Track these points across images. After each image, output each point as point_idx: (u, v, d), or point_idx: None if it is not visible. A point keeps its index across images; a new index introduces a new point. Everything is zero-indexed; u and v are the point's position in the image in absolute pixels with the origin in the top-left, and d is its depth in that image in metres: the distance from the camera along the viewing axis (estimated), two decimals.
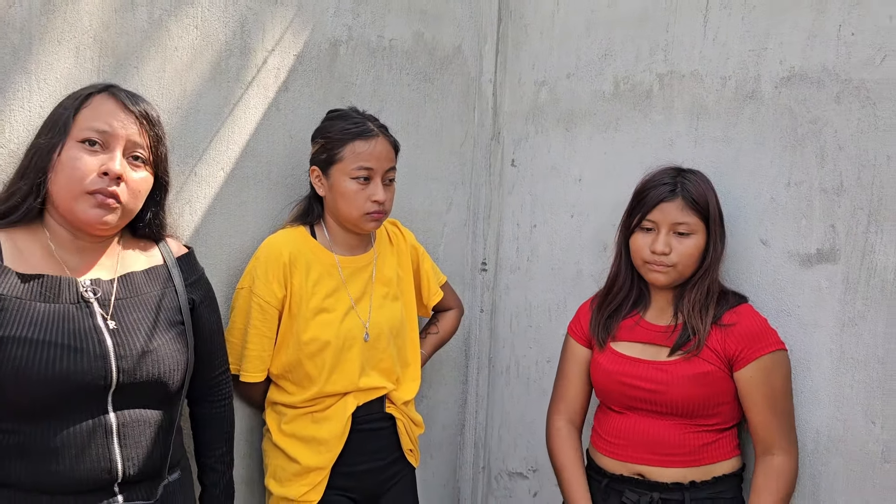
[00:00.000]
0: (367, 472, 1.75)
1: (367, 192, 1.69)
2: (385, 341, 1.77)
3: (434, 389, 2.26)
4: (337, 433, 1.70)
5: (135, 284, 1.35)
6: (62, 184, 1.24)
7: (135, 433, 1.28)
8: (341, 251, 1.77)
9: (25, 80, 1.42)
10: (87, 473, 1.22)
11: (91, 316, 1.27)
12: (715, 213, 1.62)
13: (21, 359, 1.18)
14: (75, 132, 1.26)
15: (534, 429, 2.23)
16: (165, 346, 1.33)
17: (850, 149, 1.60)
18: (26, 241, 1.27)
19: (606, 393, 1.69)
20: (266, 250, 1.70)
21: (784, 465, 1.57)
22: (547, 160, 2.19)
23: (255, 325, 1.67)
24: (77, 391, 1.21)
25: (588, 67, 2.08)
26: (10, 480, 1.20)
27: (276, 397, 1.74)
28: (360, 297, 1.76)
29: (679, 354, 1.60)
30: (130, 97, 1.32)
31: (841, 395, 1.62)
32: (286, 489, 1.69)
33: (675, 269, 1.61)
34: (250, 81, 1.76)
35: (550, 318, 2.19)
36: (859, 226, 1.59)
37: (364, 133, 1.69)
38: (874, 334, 1.57)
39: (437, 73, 2.17)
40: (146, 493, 1.31)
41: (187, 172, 1.67)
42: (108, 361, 1.25)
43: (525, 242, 2.25)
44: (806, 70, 1.66)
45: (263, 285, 1.67)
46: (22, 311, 1.20)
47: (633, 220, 1.66)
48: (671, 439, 1.60)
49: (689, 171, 1.65)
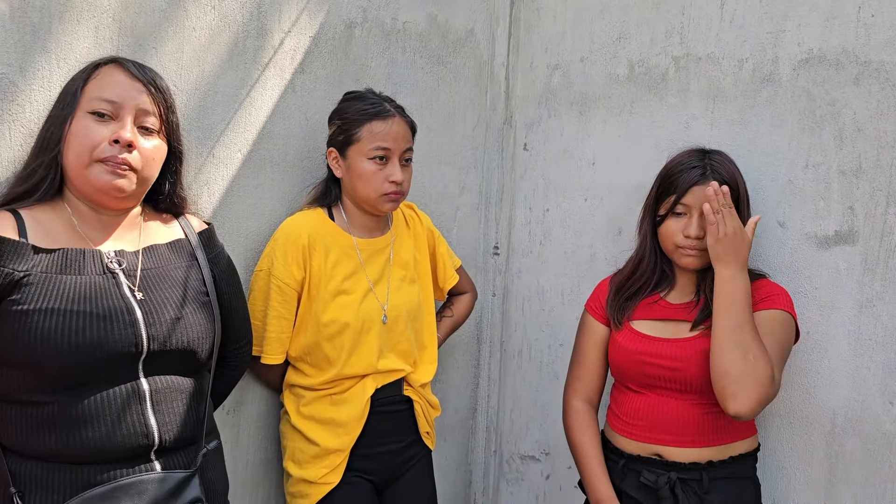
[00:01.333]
0: (385, 454, 1.75)
1: (385, 172, 1.69)
2: (403, 324, 1.77)
3: (446, 373, 2.26)
4: (356, 415, 1.70)
5: (159, 256, 1.36)
6: (73, 155, 1.25)
7: (168, 399, 1.28)
8: (359, 234, 1.77)
9: (45, 59, 1.41)
10: (124, 440, 1.22)
11: (118, 286, 1.27)
12: (744, 193, 1.62)
13: (51, 329, 1.18)
14: (84, 103, 1.26)
15: (546, 412, 2.24)
16: (193, 316, 1.33)
17: (869, 130, 1.60)
18: (49, 217, 1.27)
19: (624, 372, 1.69)
20: (284, 233, 1.70)
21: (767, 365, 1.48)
22: (560, 144, 2.18)
23: (275, 307, 1.67)
24: (108, 359, 1.21)
25: (602, 50, 2.08)
26: (43, 451, 1.20)
27: (295, 380, 1.74)
28: (378, 279, 1.76)
29: (700, 329, 1.60)
30: (138, 67, 1.32)
31: (858, 377, 1.63)
32: (305, 471, 1.69)
33: (707, 253, 1.59)
34: (267, 63, 1.75)
35: (563, 302, 2.19)
36: (878, 207, 1.59)
37: (381, 113, 1.69)
38: (892, 315, 1.58)
39: (450, 56, 2.16)
40: (185, 462, 1.31)
41: (205, 154, 1.67)
42: (138, 329, 1.25)
43: (538, 226, 2.25)
44: (825, 52, 1.66)
45: (283, 267, 1.67)
46: (48, 284, 1.21)
47: (662, 204, 1.64)
48: (690, 419, 1.60)
49: (714, 152, 1.65)
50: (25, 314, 1.18)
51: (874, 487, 1.61)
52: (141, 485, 1.23)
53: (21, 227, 1.23)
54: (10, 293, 1.19)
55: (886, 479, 1.60)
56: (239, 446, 1.80)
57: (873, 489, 1.61)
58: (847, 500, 1.65)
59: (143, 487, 1.23)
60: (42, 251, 1.22)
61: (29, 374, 1.20)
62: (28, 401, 1.20)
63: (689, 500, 1.58)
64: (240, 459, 1.80)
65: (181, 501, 1.26)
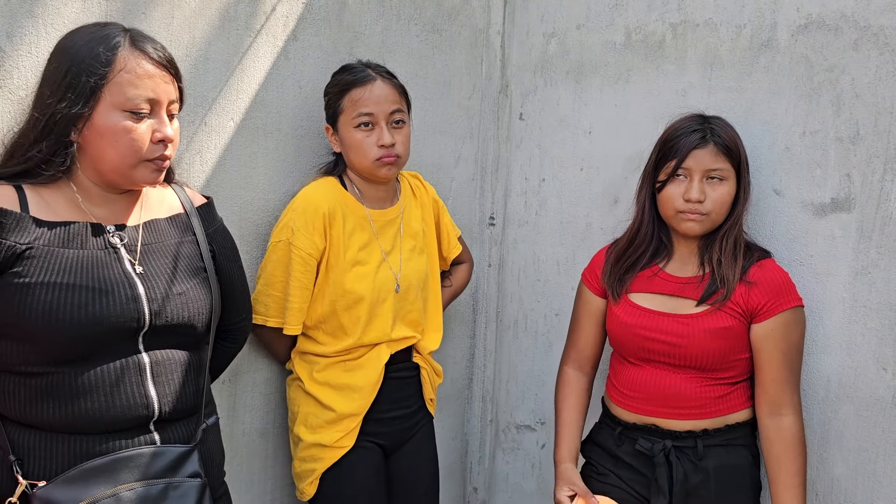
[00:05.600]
0: (395, 419, 1.77)
1: (373, 137, 1.67)
2: (414, 293, 1.79)
3: (443, 344, 2.25)
4: (372, 381, 1.71)
5: (159, 231, 1.35)
6: (115, 153, 1.23)
7: (167, 371, 1.28)
8: (371, 205, 1.76)
9: (32, 24, 1.39)
10: (123, 411, 1.23)
11: (119, 261, 1.27)
12: (744, 159, 1.62)
13: (51, 302, 1.17)
14: (115, 99, 1.21)
15: (542, 382, 2.25)
16: (192, 291, 1.33)
17: (867, 96, 1.59)
18: (51, 192, 1.26)
19: (623, 345, 1.69)
20: (303, 202, 1.68)
21: (796, 428, 1.57)
22: (556, 113, 2.17)
23: (297, 277, 1.66)
24: (109, 333, 1.21)
25: (599, 18, 2.05)
26: (41, 421, 1.20)
27: (307, 347, 1.74)
28: (391, 249, 1.77)
29: (705, 306, 1.60)
30: (153, 46, 1.28)
31: (853, 343, 1.63)
32: (319, 436, 1.70)
33: (708, 218, 1.59)
34: (259, 29, 1.73)
35: (559, 272, 2.19)
36: (875, 174, 1.59)
37: (360, 80, 1.68)
38: (887, 281, 1.58)
39: (445, 23, 2.14)
40: (184, 434, 1.31)
41: (198, 122, 1.65)
42: (139, 303, 1.25)
43: (533, 196, 2.24)
44: (823, 17, 1.64)
45: (305, 237, 1.65)
46: (50, 257, 1.20)
47: (662, 170, 1.63)
48: (687, 392, 1.61)
49: (714, 118, 1.64)
50: (27, 287, 1.17)
51: (867, 453, 1.62)
52: (140, 458, 1.23)
53: (23, 201, 1.22)
54: (12, 266, 1.18)
55: (879, 445, 1.61)
56: (236, 416, 1.80)
57: (866, 454, 1.62)
58: (839, 466, 1.66)
59: (143, 461, 1.23)
60: (44, 224, 1.22)
61: (29, 346, 1.19)
62: (28, 372, 1.20)
63: (684, 466, 1.59)
64: (237, 429, 1.80)
65: (180, 475, 1.26)
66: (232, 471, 1.76)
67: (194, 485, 1.25)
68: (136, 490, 1.20)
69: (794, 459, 1.56)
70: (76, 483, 1.17)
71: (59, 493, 1.16)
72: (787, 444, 1.56)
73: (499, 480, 2.38)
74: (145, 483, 1.21)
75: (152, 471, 1.23)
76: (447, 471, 2.34)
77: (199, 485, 1.26)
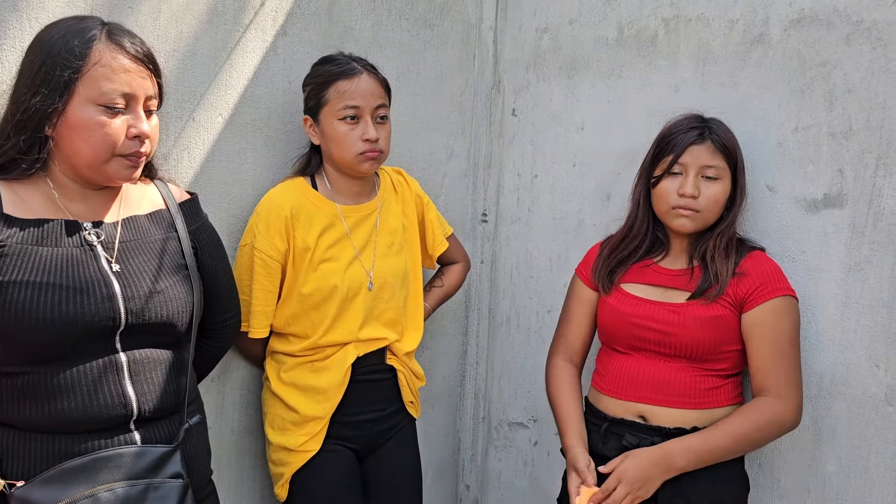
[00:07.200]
0: (366, 422, 1.74)
1: (357, 131, 1.65)
2: (389, 291, 1.75)
3: (434, 341, 2.25)
4: (336, 383, 1.69)
5: (138, 228, 1.33)
6: (87, 148, 1.21)
7: (146, 370, 1.27)
8: (344, 200, 1.74)
9: (16, 18, 1.37)
10: (101, 411, 1.21)
11: (95, 259, 1.25)
12: (741, 161, 1.62)
13: (25, 302, 1.16)
14: (89, 93, 1.19)
15: (534, 379, 2.24)
16: (172, 289, 1.31)
17: (860, 91, 1.58)
18: (26, 187, 1.24)
19: (614, 334, 1.69)
20: (266, 205, 1.67)
21: (775, 406, 1.53)
22: (548, 109, 2.15)
23: (259, 280, 1.65)
24: (84, 333, 1.20)
25: (591, 13, 2.04)
26: (18, 421, 1.19)
27: (277, 346, 1.73)
28: (364, 246, 1.74)
29: (699, 299, 1.59)
30: (131, 40, 1.26)
31: (845, 340, 1.62)
32: (285, 438, 1.69)
33: (700, 215, 1.59)
34: (248, 24, 1.71)
35: (551, 269, 2.18)
36: (867, 170, 1.58)
37: (347, 72, 1.66)
38: (880, 278, 1.57)
39: (437, 18, 2.12)
40: (166, 433, 1.30)
41: (185, 118, 1.63)
42: (115, 303, 1.23)
43: (526, 193, 2.23)
44: (816, 11, 1.63)
45: (265, 240, 1.64)
46: (24, 256, 1.18)
47: (658, 166, 1.63)
48: (677, 381, 1.60)
49: (712, 119, 1.65)
50: (0, 286, 1.16)
51: (859, 450, 1.61)
52: (120, 458, 1.21)
53: None
54: None
55: (871, 442, 1.60)
56: (224, 414, 1.79)
57: (858, 452, 1.61)
58: (832, 463, 1.65)
59: (123, 461, 1.22)
60: (18, 222, 1.19)
61: (4, 346, 1.18)
62: (4, 371, 1.19)
63: None
64: (224, 426, 1.79)
65: (161, 476, 1.24)
66: (220, 469, 1.75)
67: (175, 486, 1.24)
68: (116, 491, 1.18)
69: (748, 420, 1.53)
70: (55, 483, 1.16)
71: (37, 493, 1.15)
72: (756, 406, 1.54)
73: (491, 478, 2.37)
74: (125, 483, 1.20)
75: (133, 471, 1.21)
76: (439, 469, 2.34)
77: (181, 486, 1.25)
